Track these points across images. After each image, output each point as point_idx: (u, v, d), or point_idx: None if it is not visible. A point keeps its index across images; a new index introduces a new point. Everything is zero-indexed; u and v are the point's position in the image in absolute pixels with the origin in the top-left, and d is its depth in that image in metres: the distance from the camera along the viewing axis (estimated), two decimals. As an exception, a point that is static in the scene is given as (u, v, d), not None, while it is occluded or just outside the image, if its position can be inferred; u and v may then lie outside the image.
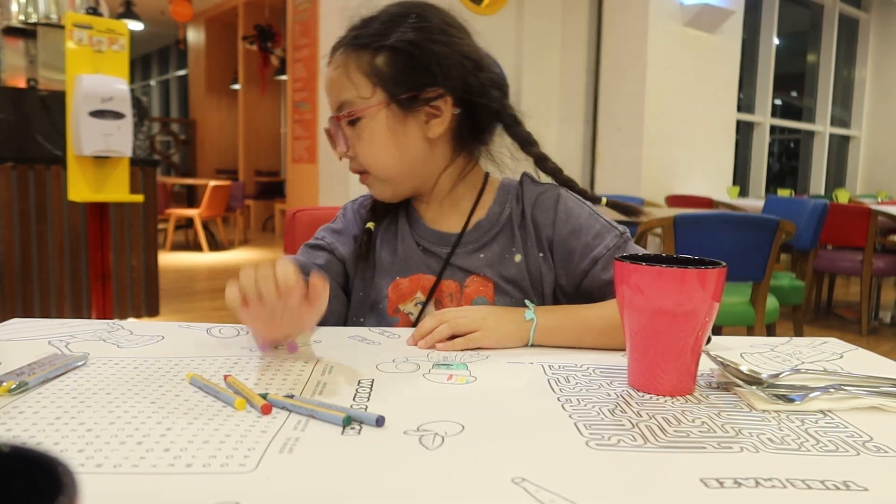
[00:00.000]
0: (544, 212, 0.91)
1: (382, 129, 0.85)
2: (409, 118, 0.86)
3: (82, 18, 2.11)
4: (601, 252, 0.87)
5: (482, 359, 0.70)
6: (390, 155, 0.86)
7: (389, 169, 0.88)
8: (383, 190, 0.91)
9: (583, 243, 0.88)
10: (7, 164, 2.87)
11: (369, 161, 0.87)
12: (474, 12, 4.97)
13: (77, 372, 0.63)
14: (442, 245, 0.92)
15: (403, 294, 0.91)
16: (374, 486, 0.42)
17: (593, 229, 0.89)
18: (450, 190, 0.93)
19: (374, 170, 0.88)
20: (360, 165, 0.88)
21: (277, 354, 0.71)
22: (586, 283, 0.88)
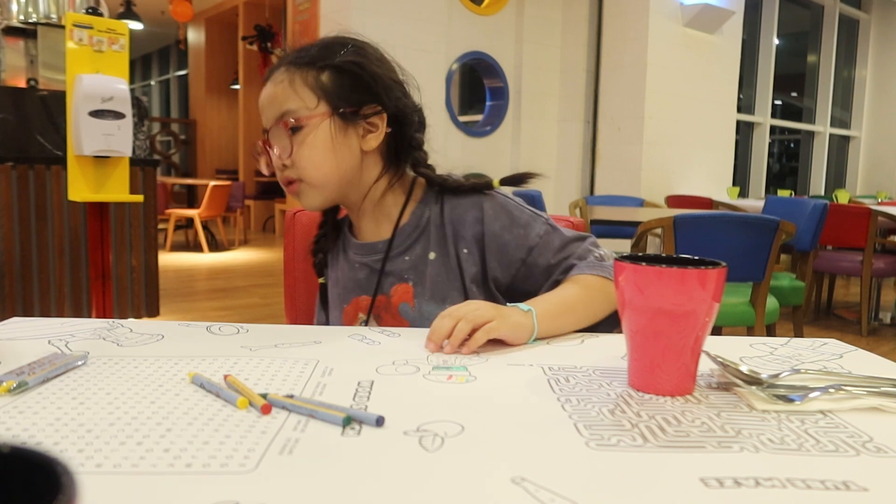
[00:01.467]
0: (467, 209, 0.95)
1: (325, 138, 0.90)
2: (348, 130, 0.92)
3: (82, 18, 2.11)
4: (534, 240, 0.94)
5: (482, 361, 0.70)
6: (329, 162, 0.91)
7: (327, 175, 0.92)
8: (314, 198, 0.94)
9: (515, 235, 0.94)
10: (7, 164, 2.87)
11: (308, 167, 0.91)
12: (474, 12, 4.97)
13: (77, 371, 0.63)
14: (373, 254, 0.99)
15: (351, 319, 1.01)
16: (374, 487, 0.42)
17: (522, 220, 0.95)
18: (379, 200, 0.98)
19: (311, 176, 0.91)
20: (295, 173, 0.91)
21: (278, 355, 0.71)
22: (523, 272, 0.95)
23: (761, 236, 2.21)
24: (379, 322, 0.99)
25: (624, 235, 3.86)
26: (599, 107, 5.39)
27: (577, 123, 5.48)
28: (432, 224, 0.97)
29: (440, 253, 0.96)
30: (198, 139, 9.71)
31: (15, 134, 3.02)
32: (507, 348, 0.76)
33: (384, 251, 0.97)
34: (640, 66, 5.09)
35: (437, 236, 0.97)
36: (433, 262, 0.96)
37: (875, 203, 4.94)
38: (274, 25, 7.87)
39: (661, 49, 5.13)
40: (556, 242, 0.94)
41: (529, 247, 0.94)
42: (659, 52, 5.12)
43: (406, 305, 0.97)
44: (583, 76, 5.44)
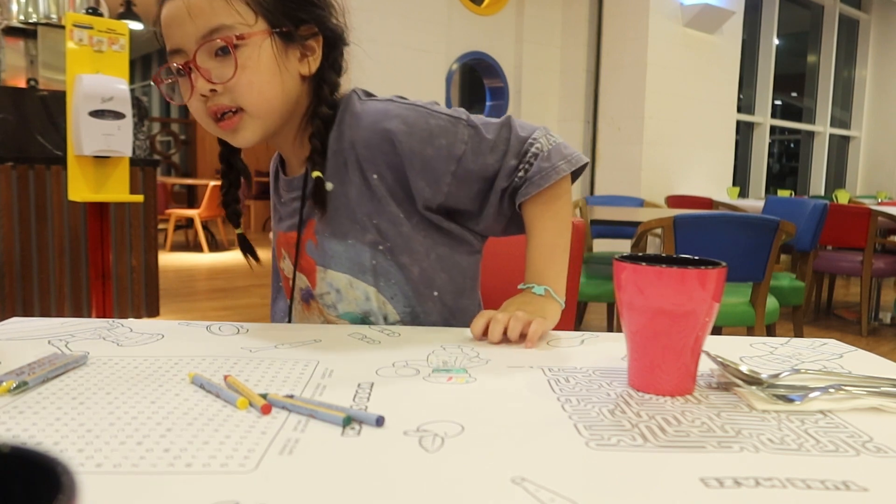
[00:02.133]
0: (372, 129, 0.86)
1: (269, 59, 0.80)
2: (288, 52, 0.83)
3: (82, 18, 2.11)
4: (460, 148, 0.86)
5: (482, 362, 0.70)
6: (275, 87, 0.82)
7: (271, 102, 0.82)
8: (254, 131, 0.83)
9: (437, 147, 0.85)
10: (7, 164, 2.88)
11: (252, 94, 0.80)
12: (474, 12, 4.97)
13: (77, 371, 0.63)
14: (292, 190, 0.94)
15: (277, 254, 0.99)
16: (374, 487, 0.42)
17: (440, 128, 0.86)
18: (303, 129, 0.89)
19: (255, 104, 0.81)
20: (233, 101, 0.80)
21: (278, 356, 0.71)
22: (454, 186, 0.87)
23: (761, 236, 2.21)
24: (292, 260, 0.95)
25: (624, 235, 3.86)
26: (599, 107, 5.40)
27: (577, 123, 5.48)
28: (329, 150, 0.88)
29: (338, 182, 0.88)
30: (198, 139, 9.71)
31: (15, 134, 3.02)
32: (508, 349, 0.76)
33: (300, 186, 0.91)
34: (640, 66, 5.09)
35: (334, 163, 0.88)
36: (330, 193, 0.88)
37: (875, 203, 4.94)
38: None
39: (661, 49, 5.13)
40: (483, 144, 0.86)
41: (456, 156, 0.85)
42: (659, 52, 5.12)
43: (311, 243, 0.91)
44: (583, 76, 5.44)
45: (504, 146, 0.87)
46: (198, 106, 0.82)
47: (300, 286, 0.96)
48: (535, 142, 0.88)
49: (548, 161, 0.87)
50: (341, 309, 0.93)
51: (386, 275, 0.90)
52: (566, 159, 0.89)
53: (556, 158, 0.88)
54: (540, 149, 0.88)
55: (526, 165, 0.88)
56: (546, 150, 0.88)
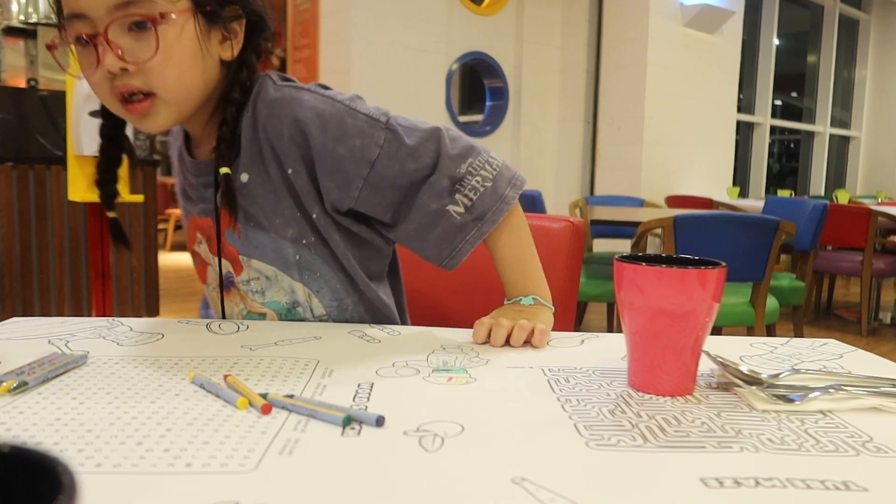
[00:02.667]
0: (284, 120, 0.80)
1: (191, 41, 0.75)
2: (210, 34, 0.77)
3: (82, 18, 2.11)
4: (374, 152, 0.79)
5: (482, 363, 0.70)
6: (195, 72, 0.76)
7: (190, 89, 0.77)
8: (166, 118, 0.77)
9: (350, 148, 0.79)
10: (7, 164, 2.87)
11: (170, 78, 0.74)
12: (474, 12, 4.97)
13: (77, 371, 0.63)
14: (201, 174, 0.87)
15: (191, 237, 0.94)
16: (374, 487, 0.42)
17: (356, 129, 0.80)
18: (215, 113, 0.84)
19: (171, 89, 0.75)
20: (146, 85, 0.74)
21: (278, 355, 0.71)
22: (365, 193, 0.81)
23: (761, 236, 2.21)
24: (210, 245, 0.90)
25: (624, 235, 3.86)
26: (599, 107, 5.39)
27: (577, 123, 5.48)
28: (244, 138, 0.82)
29: (254, 173, 0.83)
30: (198, 139, 9.70)
31: (15, 134, 3.02)
32: (508, 349, 0.76)
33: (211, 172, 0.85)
34: (640, 66, 5.09)
35: (250, 153, 0.82)
36: (245, 185, 0.83)
37: (875, 203, 4.94)
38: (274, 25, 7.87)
39: (661, 49, 5.13)
40: (402, 150, 0.80)
41: (370, 160, 0.79)
42: (659, 52, 5.12)
43: (232, 231, 0.86)
44: (583, 76, 5.44)
45: (430, 159, 0.81)
46: (101, 83, 0.74)
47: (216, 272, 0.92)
48: (475, 171, 0.83)
49: (494, 193, 0.83)
50: (268, 297, 0.88)
51: (311, 268, 0.86)
52: (511, 184, 0.85)
53: (502, 187, 0.84)
54: (483, 181, 0.83)
55: (469, 198, 0.82)
56: (490, 179, 0.83)
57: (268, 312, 0.90)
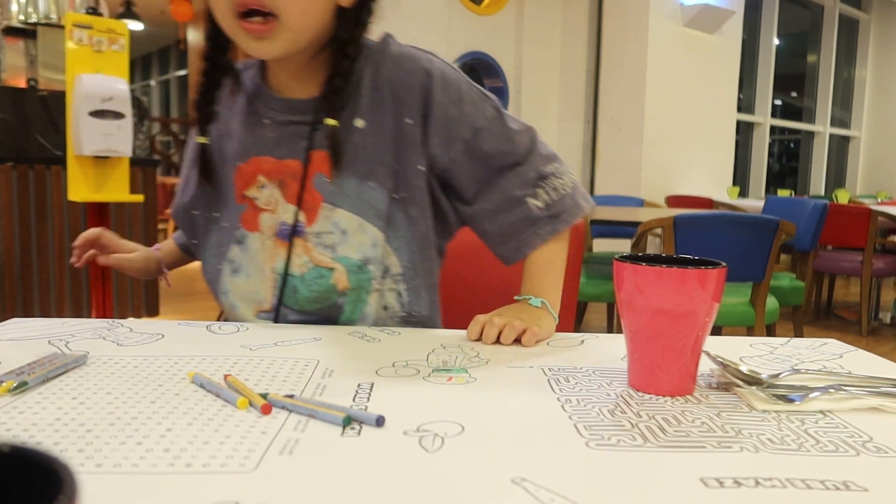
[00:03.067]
0: (412, 74, 0.84)
1: None
2: None
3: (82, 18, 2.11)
4: (481, 122, 0.86)
5: (482, 363, 0.70)
6: (317, 8, 0.78)
7: (310, 20, 0.78)
8: (281, 44, 0.78)
9: (463, 111, 0.85)
10: (7, 164, 2.87)
11: (296, 6, 0.76)
12: (474, 12, 4.97)
13: (77, 371, 0.63)
14: (290, 113, 0.86)
15: (247, 180, 0.88)
16: (374, 487, 0.42)
17: (472, 96, 0.86)
18: (315, 54, 0.85)
19: (294, 16, 0.76)
20: (275, 8, 0.75)
21: (278, 355, 0.71)
22: (462, 155, 0.86)
23: (761, 236, 2.21)
24: (283, 190, 0.86)
25: (624, 235, 3.86)
26: (599, 107, 5.39)
27: (577, 123, 5.48)
28: (364, 87, 0.84)
29: (371, 121, 0.84)
30: (198, 139, 9.69)
31: (15, 134, 3.02)
32: (508, 349, 0.76)
33: (309, 111, 0.84)
34: (640, 66, 5.09)
35: (370, 101, 0.84)
36: (360, 130, 0.84)
37: (875, 203, 4.94)
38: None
39: (661, 49, 5.13)
40: (504, 130, 0.87)
41: (476, 128, 0.85)
42: (659, 52, 5.12)
43: (322, 176, 0.85)
44: (583, 76, 5.44)
45: (523, 149, 0.88)
46: (233, 2, 0.75)
47: (280, 220, 0.87)
48: (559, 175, 0.90)
49: (572, 199, 0.90)
50: (340, 252, 0.86)
51: (395, 224, 0.86)
52: (584, 197, 0.92)
53: (578, 196, 0.91)
54: (564, 185, 0.90)
55: (550, 196, 0.89)
56: (570, 186, 0.90)
57: (336, 268, 0.86)
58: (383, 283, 0.88)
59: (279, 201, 0.87)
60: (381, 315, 0.89)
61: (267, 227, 0.88)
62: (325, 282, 0.86)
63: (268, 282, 0.89)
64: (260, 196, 0.88)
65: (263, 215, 0.88)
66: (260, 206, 0.88)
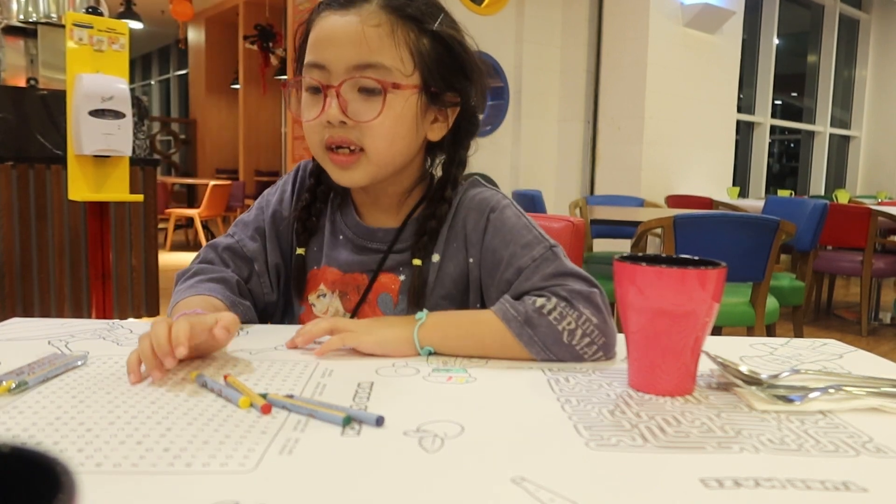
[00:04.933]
0: (477, 216, 0.85)
1: (412, 113, 0.79)
2: (427, 111, 0.82)
3: (82, 18, 2.11)
4: (526, 262, 0.78)
5: (482, 362, 0.70)
6: (405, 142, 0.80)
7: (395, 156, 0.81)
8: (364, 175, 0.80)
9: (510, 252, 0.80)
10: (7, 164, 2.87)
11: (383, 140, 0.78)
12: (474, 12, 4.97)
13: (77, 371, 0.63)
14: (370, 240, 0.88)
15: (312, 284, 0.90)
16: (374, 487, 0.42)
17: (523, 239, 0.81)
18: (408, 189, 0.88)
19: (379, 151, 0.78)
20: (358, 140, 0.77)
21: (278, 356, 0.71)
22: (510, 294, 0.78)
23: (761, 236, 2.21)
24: (343, 301, 0.88)
25: (624, 235, 3.86)
26: (599, 107, 5.39)
27: (577, 123, 5.48)
28: (445, 226, 0.86)
29: (445, 257, 0.86)
30: (198, 139, 9.71)
31: (15, 133, 3.02)
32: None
33: (388, 241, 0.87)
34: (640, 66, 5.09)
35: (447, 238, 0.86)
36: (434, 265, 0.86)
37: (875, 203, 4.94)
38: (274, 25, 7.86)
39: (661, 49, 5.13)
40: (549, 269, 0.77)
41: (519, 268, 0.79)
42: (659, 52, 5.12)
43: (387, 296, 0.86)
44: (583, 76, 5.44)
45: (556, 281, 0.76)
46: (316, 129, 0.79)
47: None
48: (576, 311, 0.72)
49: (563, 336, 0.71)
50: None
51: None
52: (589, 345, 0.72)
53: (576, 337, 0.71)
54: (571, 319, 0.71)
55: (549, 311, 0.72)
56: (577, 323, 0.71)
57: None
58: None
59: (339, 311, 0.89)
60: None
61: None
62: None
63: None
64: (317, 304, 0.90)
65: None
66: (316, 312, 0.90)
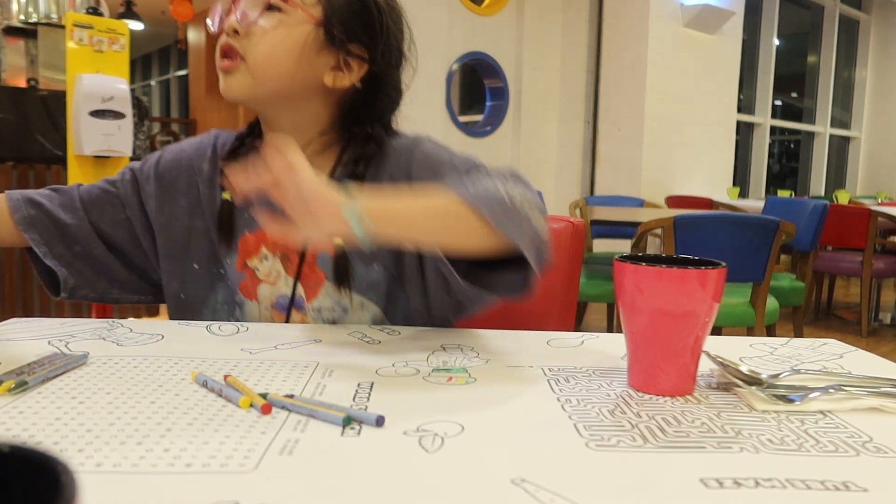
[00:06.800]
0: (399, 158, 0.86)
1: (297, 40, 0.80)
2: (323, 52, 0.82)
3: (83, 18, 2.11)
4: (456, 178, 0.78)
5: (482, 363, 0.70)
6: (285, 63, 0.80)
7: (273, 72, 0.80)
8: (242, 86, 0.80)
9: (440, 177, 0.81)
10: (7, 164, 2.87)
11: (261, 51, 0.79)
12: (474, 12, 4.97)
13: (77, 371, 0.63)
14: None
15: (250, 250, 0.88)
16: (374, 487, 0.42)
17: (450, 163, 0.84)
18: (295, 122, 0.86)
19: (257, 62, 0.80)
20: (240, 49, 0.80)
21: (278, 355, 0.71)
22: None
23: (761, 237, 2.21)
24: (285, 264, 0.87)
25: (624, 236, 3.86)
26: (599, 107, 5.39)
27: (578, 123, 5.48)
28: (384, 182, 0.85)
29: None
30: (198, 139, 9.70)
31: (15, 134, 3.02)
32: (508, 349, 0.76)
33: None
34: (640, 67, 5.09)
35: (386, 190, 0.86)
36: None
37: (875, 203, 4.94)
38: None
39: (661, 49, 5.13)
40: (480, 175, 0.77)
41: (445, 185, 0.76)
42: (659, 52, 5.12)
43: (326, 255, 0.85)
44: (583, 76, 5.44)
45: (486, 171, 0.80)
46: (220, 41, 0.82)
47: (279, 293, 0.87)
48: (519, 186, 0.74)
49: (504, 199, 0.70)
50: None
51: (395, 302, 0.87)
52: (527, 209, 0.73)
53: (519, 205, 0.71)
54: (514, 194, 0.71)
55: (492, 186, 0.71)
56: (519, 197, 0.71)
57: None
58: None
59: (281, 274, 0.88)
60: None
61: (264, 297, 0.88)
62: None
63: None
64: (261, 267, 0.88)
65: (262, 286, 0.88)
66: (259, 276, 0.88)
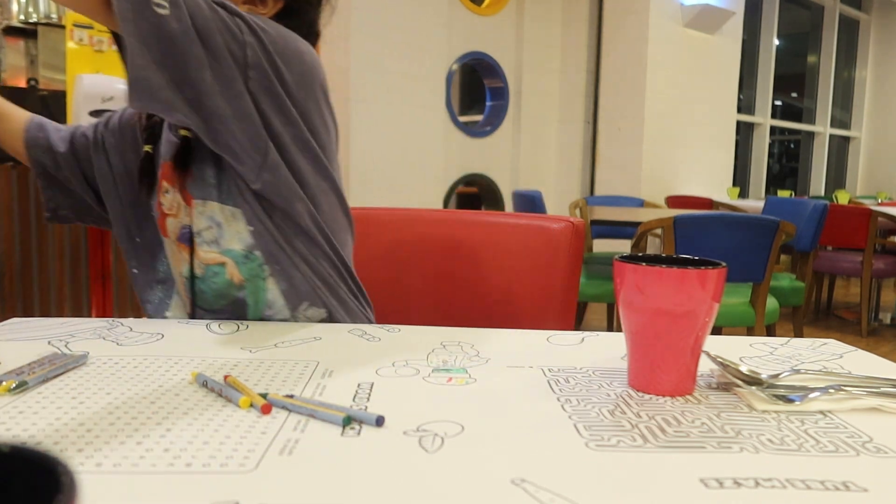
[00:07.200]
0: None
1: None
2: None
3: (83, 18, 2.11)
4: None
5: (482, 362, 0.70)
6: None
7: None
8: None
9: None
10: (7, 164, 2.87)
11: None
12: (474, 12, 4.97)
13: (77, 371, 0.63)
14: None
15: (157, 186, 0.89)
16: (374, 487, 0.42)
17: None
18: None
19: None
20: None
21: (277, 355, 0.71)
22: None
23: (761, 237, 2.21)
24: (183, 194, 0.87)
25: (624, 236, 3.86)
26: (599, 107, 5.39)
27: (578, 124, 5.48)
28: None
29: None
30: (198, 139, 9.70)
31: (15, 134, 3.02)
32: (508, 349, 0.76)
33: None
34: (640, 67, 5.09)
35: None
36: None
37: (875, 203, 4.94)
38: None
39: (661, 49, 5.13)
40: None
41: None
42: (659, 52, 5.12)
43: (199, 177, 0.85)
44: (583, 76, 5.44)
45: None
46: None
47: (181, 224, 0.87)
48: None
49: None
50: (224, 245, 0.85)
51: (241, 195, 0.84)
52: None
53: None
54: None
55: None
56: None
57: (226, 262, 0.86)
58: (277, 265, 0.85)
59: (181, 206, 0.87)
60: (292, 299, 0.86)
61: (171, 231, 0.88)
62: (221, 279, 0.85)
63: (181, 286, 0.89)
64: (164, 201, 0.88)
65: (168, 220, 0.88)
66: (165, 210, 0.88)
